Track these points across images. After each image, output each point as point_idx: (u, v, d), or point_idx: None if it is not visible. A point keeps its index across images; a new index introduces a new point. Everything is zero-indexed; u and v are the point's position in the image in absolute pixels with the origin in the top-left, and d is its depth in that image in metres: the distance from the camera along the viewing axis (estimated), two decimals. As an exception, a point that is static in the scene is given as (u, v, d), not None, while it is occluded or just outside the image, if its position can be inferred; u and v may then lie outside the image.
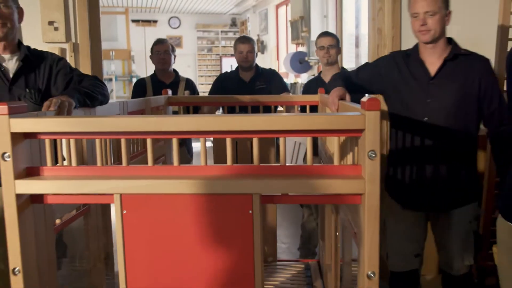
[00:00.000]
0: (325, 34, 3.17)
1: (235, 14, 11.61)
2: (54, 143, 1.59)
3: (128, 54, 10.15)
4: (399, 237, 2.11)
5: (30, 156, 1.42)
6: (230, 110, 3.13)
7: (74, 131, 1.37)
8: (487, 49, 2.56)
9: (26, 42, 2.03)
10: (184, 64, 10.78)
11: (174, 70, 3.51)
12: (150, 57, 3.48)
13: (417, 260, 2.12)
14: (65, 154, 1.73)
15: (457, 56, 1.94)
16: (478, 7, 2.76)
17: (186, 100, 3.15)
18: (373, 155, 1.24)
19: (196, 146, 5.07)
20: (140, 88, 3.43)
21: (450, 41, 1.99)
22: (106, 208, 2.24)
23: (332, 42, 3.04)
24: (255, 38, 9.89)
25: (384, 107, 2.11)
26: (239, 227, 1.33)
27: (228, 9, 11.02)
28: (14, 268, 1.38)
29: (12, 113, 1.32)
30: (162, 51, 3.38)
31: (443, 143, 1.94)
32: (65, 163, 1.74)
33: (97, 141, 1.54)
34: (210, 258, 1.34)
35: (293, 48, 7.69)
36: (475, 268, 2.64)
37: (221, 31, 11.70)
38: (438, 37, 1.92)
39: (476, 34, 2.66)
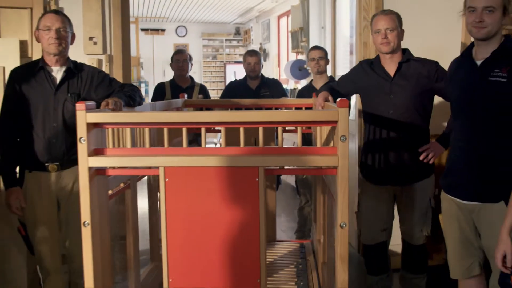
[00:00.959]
0: (315, 48, 3.73)
1: (239, 24, 12.17)
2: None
3: (137, 61, 10.69)
4: (369, 215, 2.63)
5: (97, 140, 1.95)
6: (237, 112, 3.66)
7: (130, 122, 1.91)
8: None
9: (70, 54, 2.50)
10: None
11: (190, 76, 4.07)
12: (170, 64, 4.05)
13: (384, 233, 2.64)
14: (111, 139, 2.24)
15: (409, 60, 2.48)
16: (444, 23, 3.30)
17: (200, 103, 3.68)
18: (344, 139, 1.77)
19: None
20: (160, 91, 3.98)
21: (404, 51, 2.53)
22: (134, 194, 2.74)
23: (321, 55, 3.60)
24: (257, 46, 10.47)
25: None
26: (248, 190, 1.85)
27: (232, 19, 11.58)
28: (85, 221, 1.90)
29: (87, 109, 1.85)
30: (181, 60, 3.95)
31: (404, 131, 2.47)
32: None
33: (146, 130, 2.07)
34: (228, 212, 1.86)
35: (293, 56, 8.20)
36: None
37: (226, 40, 12.26)
38: (396, 48, 2.47)
39: (442, 47, 3.19)
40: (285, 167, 1.91)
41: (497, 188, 1.91)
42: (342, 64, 5.75)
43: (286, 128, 3.32)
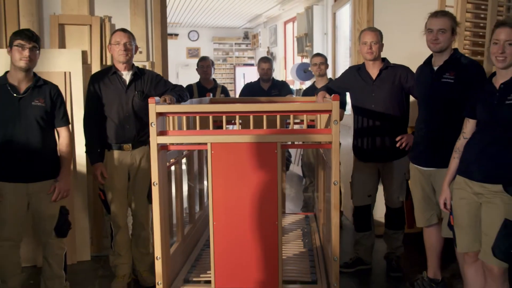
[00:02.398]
0: (317, 55, 4.52)
1: (247, 29, 12.95)
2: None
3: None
4: (359, 184, 3.42)
5: (161, 124, 2.74)
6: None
7: (186, 112, 2.70)
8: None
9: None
10: (202, 73, 12.13)
11: (213, 79, 4.87)
12: (196, 69, 4.84)
13: (370, 198, 3.42)
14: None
15: (387, 67, 3.26)
16: (421, 36, 4.05)
17: (223, 101, 4.47)
18: (336, 123, 2.55)
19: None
20: (188, 91, 4.76)
21: (383, 59, 3.31)
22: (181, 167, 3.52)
23: (322, 60, 4.40)
24: (265, 50, 11.24)
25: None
26: (270, 159, 2.63)
27: (241, 24, 12.37)
28: (154, 182, 2.69)
29: (156, 103, 2.64)
30: (205, 65, 4.75)
31: (384, 120, 3.24)
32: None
33: (198, 118, 2.85)
34: (255, 175, 2.63)
35: (298, 60, 8.96)
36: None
37: (235, 43, 13.06)
38: (377, 57, 3.25)
39: (418, 54, 3.96)
40: (295, 143, 2.70)
41: (446, 157, 2.67)
42: (342, 64, 6.51)
43: (295, 121, 4.11)
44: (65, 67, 3.77)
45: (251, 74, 11.92)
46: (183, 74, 11.81)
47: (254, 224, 2.68)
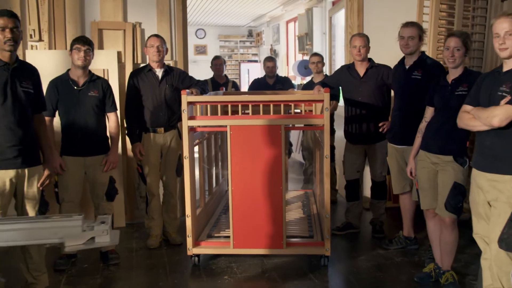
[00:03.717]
0: (315, 54, 5.26)
1: (252, 27, 13.65)
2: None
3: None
4: (349, 162, 4.16)
5: (191, 111, 3.48)
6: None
7: (209, 101, 3.45)
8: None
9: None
10: (209, 69, 12.80)
11: (225, 75, 5.62)
12: (210, 67, 5.60)
13: (358, 174, 4.16)
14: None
15: (372, 67, 3.98)
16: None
17: (234, 93, 5.20)
18: (327, 110, 3.29)
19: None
20: (204, 86, 5.53)
21: (369, 60, 4.03)
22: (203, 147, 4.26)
23: (319, 59, 5.13)
24: (268, 47, 11.96)
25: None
26: (276, 138, 3.37)
27: (246, 23, 13.07)
28: (185, 156, 3.43)
29: (187, 94, 3.38)
30: (218, 63, 5.51)
31: (369, 110, 3.97)
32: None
33: (219, 106, 3.59)
34: (265, 150, 3.37)
35: (299, 57, 9.68)
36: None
37: (240, 41, 13.77)
38: (365, 58, 3.97)
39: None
40: (296, 125, 3.44)
41: (414, 137, 3.40)
42: (341, 62, 7.18)
43: (295, 111, 4.84)
44: (104, 65, 4.49)
45: (255, 70, 12.64)
46: (191, 69, 12.32)
47: (264, 189, 3.42)
